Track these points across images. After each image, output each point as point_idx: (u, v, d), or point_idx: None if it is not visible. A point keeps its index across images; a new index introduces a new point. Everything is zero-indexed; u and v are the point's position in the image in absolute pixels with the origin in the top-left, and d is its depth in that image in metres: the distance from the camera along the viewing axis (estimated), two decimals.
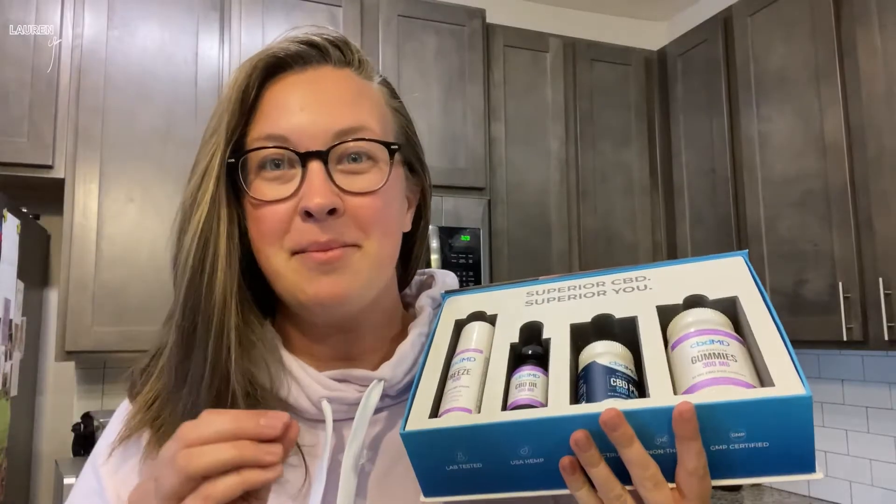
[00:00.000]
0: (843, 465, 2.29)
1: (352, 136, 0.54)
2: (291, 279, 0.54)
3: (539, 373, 0.50)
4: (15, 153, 1.85)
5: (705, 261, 0.55)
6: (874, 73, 1.89)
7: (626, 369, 0.48)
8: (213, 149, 0.54)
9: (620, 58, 2.72)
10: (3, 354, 1.64)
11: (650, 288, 0.54)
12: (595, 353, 0.50)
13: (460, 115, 2.36)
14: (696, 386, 0.43)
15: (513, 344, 0.54)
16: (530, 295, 0.58)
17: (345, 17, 2.23)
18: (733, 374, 0.43)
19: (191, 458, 0.39)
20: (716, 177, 2.43)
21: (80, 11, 1.95)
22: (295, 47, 0.56)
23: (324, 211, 0.51)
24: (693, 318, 0.49)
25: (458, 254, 2.25)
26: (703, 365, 0.44)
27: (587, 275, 0.58)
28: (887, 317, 1.81)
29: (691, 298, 0.51)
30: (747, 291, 0.50)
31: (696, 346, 0.45)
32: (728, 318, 0.49)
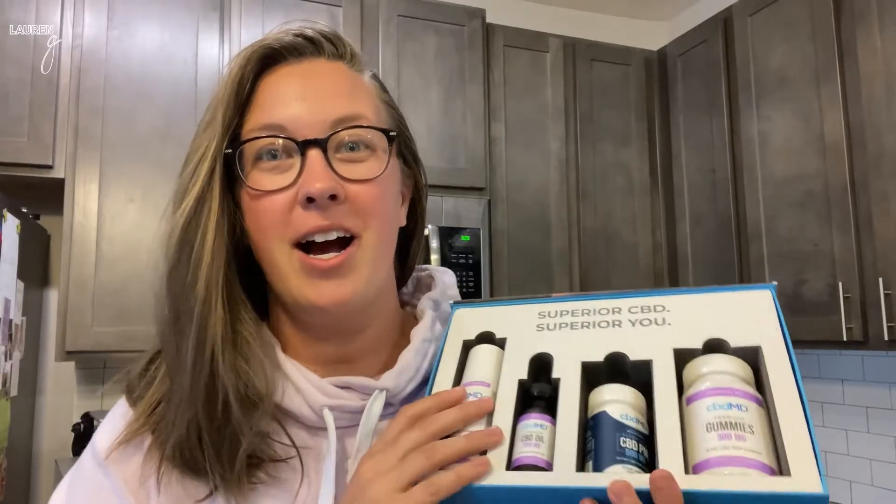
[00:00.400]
0: (843, 465, 2.29)
1: (349, 124, 0.54)
2: (294, 281, 0.53)
3: (546, 422, 0.48)
4: (15, 153, 1.85)
5: (730, 291, 0.52)
6: (874, 73, 1.89)
7: (636, 423, 0.46)
8: (207, 140, 0.53)
9: (620, 58, 2.72)
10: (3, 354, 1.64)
11: (668, 323, 0.51)
12: (605, 399, 0.48)
13: (460, 115, 2.36)
14: (709, 463, 0.41)
15: (521, 380, 0.52)
16: (542, 316, 0.56)
17: (345, 17, 2.23)
18: (748, 453, 0.41)
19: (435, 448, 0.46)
20: (716, 177, 2.43)
21: (80, 11, 1.95)
22: (290, 39, 0.56)
23: (325, 195, 0.51)
24: (710, 368, 0.46)
25: (458, 254, 2.25)
26: (718, 437, 0.42)
27: (602, 296, 0.55)
28: (887, 317, 1.81)
29: (711, 343, 0.49)
30: (772, 340, 0.48)
31: (712, 410, 0.43)
32: (749, 369, 0.47)
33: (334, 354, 0.59)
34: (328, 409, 0.54)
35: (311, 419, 0.55)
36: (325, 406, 0.54)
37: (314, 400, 0.54)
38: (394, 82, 2.27)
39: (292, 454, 0.54)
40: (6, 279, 1.62)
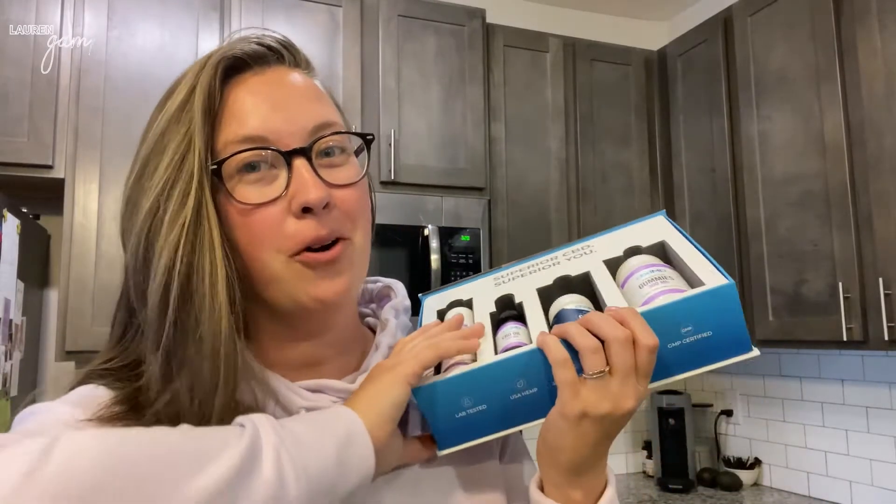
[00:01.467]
0: (843, 465, 2.29)
1: (326, 131, 0.55)
2: (293, 283, 0.53)
3: (520, 326, 0.58)
4: (15, 153, 1.85)
5: (633, 224, 0.67)
6: (874, 73, 1.89)
7: (590, 309, 0.57)
8: (178, 155, 0.51)
9: (620, 58, 2.72)
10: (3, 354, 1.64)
11: (595, 251, 0.65)
12: (562, 303, 0.59)
13: (460, 115, 2.36)
14: (648, 300, 0.54)
15: (491, 313, 0.62)
16: (497, 280, 0.68)
17: (345, 17, 2.23)
18: (674, 287, 0.54)
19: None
20: (716, 177, 2.43)
21: (80, 11, 1.95)
22: (253, 47, 0.56)
23: (322, 204, 0.51)
24: (635, 261, 0.60)
25: (457, 254, 2.25)
26: (650, 286, 0.55)
27: (541, 254, 0.69)
28: (887, 317, 1.81)
29: (630, 249, 0.62)
30: (671, 236, 0.61)
31: (641, 277, 0.57)
32: (660, 259, 0.61)
33: (305, 357, 0.59)
34: (305, 411, 0.54)
35: None
36: (301, 408, 0.54)
37: (291, 402, 0.55)
38: (394, 82, 2.27)
39: None
40: (6, 279, 1.62)
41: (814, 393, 2.40)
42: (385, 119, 2.24)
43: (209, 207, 0.51)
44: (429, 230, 2.21)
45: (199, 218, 0.50)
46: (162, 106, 0.55)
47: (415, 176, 2.25)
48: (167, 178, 0.51)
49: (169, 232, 0.49)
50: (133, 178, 0.54)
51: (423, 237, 2.21)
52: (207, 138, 0.52)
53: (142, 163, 0.53)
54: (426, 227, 2.22)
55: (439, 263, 2.19)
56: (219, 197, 0.53)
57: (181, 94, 0.54)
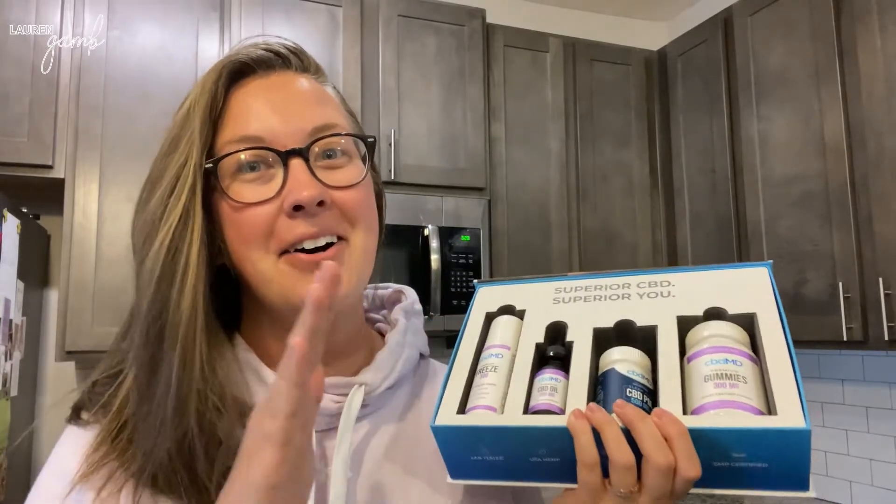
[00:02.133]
0: (843, 465, 2.29)
1: (326, 133, 0.55)
2: (281, 282, 0.53)
3: (560, 376, 0.53)
4: (15, 153, 1.85)
5: (730, 269, 0.57)
6: (874, 73, 1.89)
7: (642, 378, 0.50)
8: (182, 156, 0.52)
9: (620, 58, 2.72)
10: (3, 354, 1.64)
11: (673, 295, 0.56)
12: (614, 359, 0.52)
13: (460, 115, 2.36)
14: (705, 407, 0.46)
15: (538, 344, 0.56)
16: (558, 292, 0.61)
17: (345, 17, 2.23)
18: (741, 398, 0.45)
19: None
20: (716, 177, 2.43)
21: (80, 11, 1.95)
22: (259, 53, 0.57)
23: (314, 202, 0.51)
24: (710, 331, 0.51)
25: (458, 254, 2.25)
26: (714, 385, 0.46)
27: (613, 275, 0.61)
28: (887, 317, 1.81)
29: (711, 311, 0.53)
30: (766, 308, 0.52)
31: (709, 364, 0.48)
32: (746, 333, 0.51)
33: None
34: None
35: None
36: None
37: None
38: (394, 82, 2.27)
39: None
40: (6, 279, 1.62)
41: (814, 393, 2.40)
42: (385, 119, 2.24)
43: (196, 206, 0.51)
44: (429, 230, 2.21)
45: (186, 217, 0.51)
46: (177, 111, 0.56)
47: (415, 176, 2.25)
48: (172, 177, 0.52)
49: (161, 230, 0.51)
50: (147, 178, 0.55)
51: (423, 237, 2.21)
52: (206, 139, 0.53)
53: (155, 164, 0.55)
54: (426, 227, 2.22)
55: (439, 263, 2.19)
56: (215, 196, 0.53)
57: (190, 98, 0.55)
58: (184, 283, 0.50)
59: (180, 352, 0.50)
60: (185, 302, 0.50)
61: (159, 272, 0.50)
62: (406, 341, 0.63)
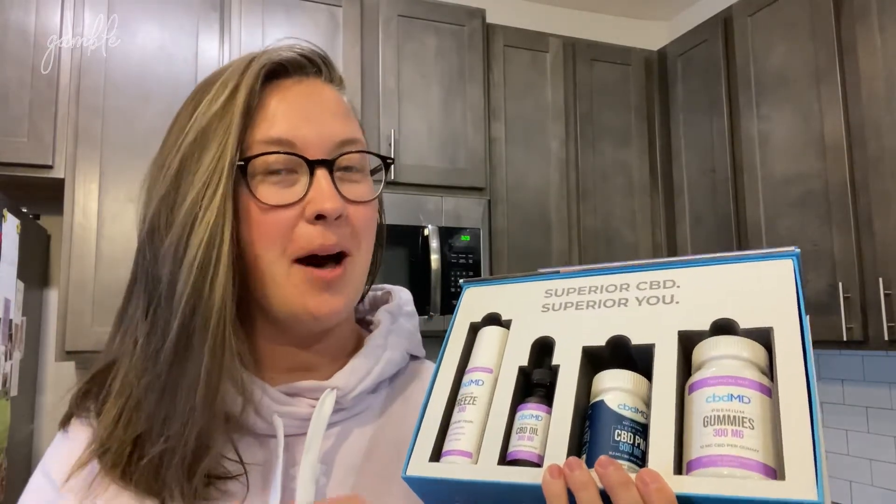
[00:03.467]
0: (843, 465, 2.29)
1: (351, 146, 0.57)
2: (291, 291, 0.54)
3: (542, 412, 0.47)
4: (15, 153, 1.85)
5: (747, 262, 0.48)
6: (874, 73, 1.89)
7: (635, 413, 0.45)
8: (218, 150, 0.53)
9: (620, 58, 2.72)
10: (3, 354, 1.64)
11: (676, 301, 0.48)
12: (605, 387, 0.46)
13: (460, 115, 2.36)
14: (702, 461, 0.40)
15: (521, 367, 0.51)
16: (548, 295, 0.54)
17: (345, 17, 2.23)
18: (744, 451, 0.39)
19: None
20: (716, 177, 2.43)
21: (80, 11, 1.95)
22: (295, 56, 0.58)
23: (336, 214, 0.53)
24: (716, 352, 0.44)
25: (457, 254, 2.25)
26: (714, 433, 0.40)
27: (611, 271, 0.53)
28: (887, 317, 1.81)
29: (719, 324, 0.45)
30: (786, 320, 0.43)
31: (710, 402, 0.41)
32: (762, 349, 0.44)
33: (297, 363, 0.59)
34: (277, 416, 0.55)
35: (260, 427, 0.55)
36: (274, 413, 0.55)
37: (263, 407, 0.55)
38: (394, 82, 2.27)
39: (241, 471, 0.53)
40: (6, 279, 1.62)
41: None
42: (385, 119, 2.24)
43: (229, 203, 0.52)
44: (429, 230, 2.21)
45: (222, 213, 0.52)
46: (202, 98, 0.55)
47: (415, 176, 2.25)
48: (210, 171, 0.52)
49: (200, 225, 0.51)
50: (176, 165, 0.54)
51: (423, 237, 2.21)
52: (241, 135, 0.54)
53: (185, 152, 0.54)
54: (426, 227, 2.22)
55: (439, 263, 2.19)
56: (239, 193, 0.54)
57: (226, 90, 0.54)
58: (216, 277, 0.51)
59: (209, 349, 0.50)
60: (217, 295, 0.51)
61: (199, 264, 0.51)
62: (388, 343, 0.62)
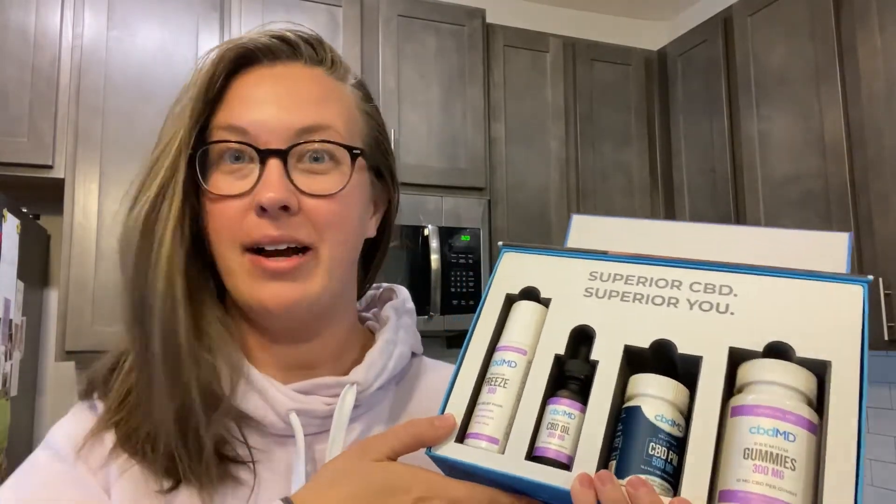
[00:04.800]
0: None
1: (315, 135, 0.53)
2: (242, 280, 0.53)
3: (576, 410, 0.46)
4: (15, 153, 1.85)
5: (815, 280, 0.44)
6: (874, 73, 1.89)
7: (671, 426, 0.43)
8: (172, 133, 0.52)
9: (620, 58, 2.72)
10: (3, 354, 1.64)
11: (731, 311, 0.45)
12: (643, 392, 0.44)
13: (460, 115, 2.36)
14: (736, 496, 0.38)
15: (558, 355, 0.48)
16: (593, 277, 0.50)
17: (345, 17, 2.23)
18: (781, 493, 0.37)
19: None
20: (716, 177, 2.43)
21: (80, 11, 1.95)
22: (266, 40, 0.55)
23: (276, 206, 0.50)
24: (767, 377, 0.41)
25: (458, 254, 2.25)
26: (753, 468, 0.38)
27: (663, 262, 0.49)
28: (887, 317, 1.81)
29: (774, 347, 0.42)
30: (846, 357, 0.41)
31: (754, 434, 0.39)
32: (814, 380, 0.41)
33: (292, 359, 0.58)
34: (295, 414, 0.54)
35: (276, 426, 0.54)
36: (291, 410, 0.53)
37: (279, 404, 0.54)
38: (394, 82, 2.27)
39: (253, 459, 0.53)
40: (6, 279, 1.62)
41: None
42: (385, 119, 2.23)
43: (176, 185, 0.52)
44: (429, 230, 2.21)
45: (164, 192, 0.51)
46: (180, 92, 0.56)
47: (415, 176, 2.25)
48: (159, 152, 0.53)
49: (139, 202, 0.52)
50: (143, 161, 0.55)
51: (423, 237, 2.21)
52: (197, 119, 0.52)
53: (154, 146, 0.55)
54: (426, 227, 2.22)
55: (439, 263, 2.19)
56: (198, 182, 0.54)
57: (191, 77, 0.54)
58: (159, 254, 0.50)
59: (160, 321, 0.50)
60: (160, 272, 0.50)
61: (136, 245, 0.51)
62: (398, 339, 0.62)
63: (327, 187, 0.53)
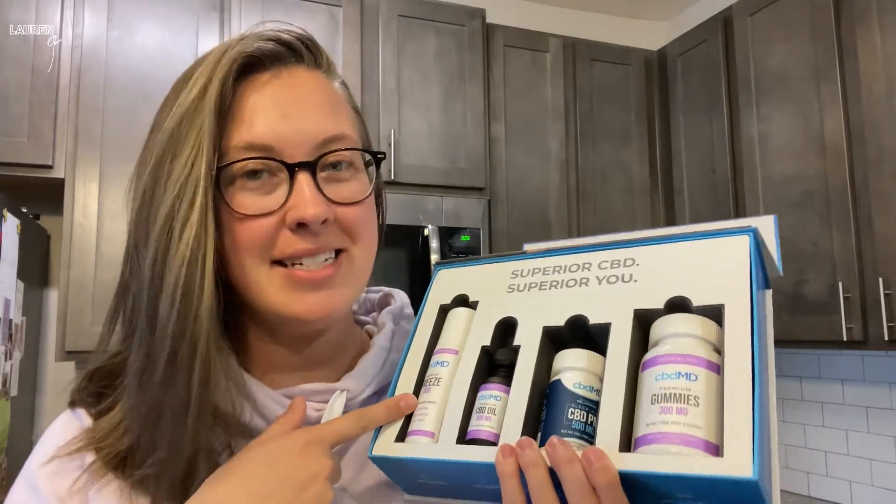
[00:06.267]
0: (843, 465, 2.29)
1: (335, 144, 0.53)
2: (276, 297, 0.51)
3: (502, 392, 0.49)
4: (15, 153, 1.85)
5: (705, 239, 0.48)
6: (874, 73, 1.89)
7: (589, 391, 0.46)
8: (192, 158, 0.49)
9: (620, 58, 2.72)
10: (3, 354, 1.64)
11: (635, 279, 0.49)
12: (562, 366, 0.48)
13: (460, 115, 2.36)
14: (646, 438, 0.41)
15: (485, 347, 0.52)
16: (514, 276, 0.55)
17: (345, 17, 2.23)
18: (687, 428, 0.40)
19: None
20: (716, 177, 2.43)
21: (80, 11, 1.95)
22: (270, 46, 0.54)
23: (319, 221, 0.50)
24: (669, 330, 0.44)
25: (458, 254, 2.25)
26: (660, 410, 0.41)
27: (573, 251, 0.54)
28: (887, 317, 1.81)
29: (674, 302, 0.46)
30: (736, 298, 0.44)
31: (658, 380, 0.42)
32: (716, 327, 0.45)
33: (295, 363, 0.58)
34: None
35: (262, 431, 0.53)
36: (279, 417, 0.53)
37: (269, 411, 0.53)
38: (394, 82, 2.27)
39: None
40: (6, 279, 1.62)
41: (814, 393, 2.40)
42: (385, 119, 2.24)
43: (210, 215, 0.49)
44: (429, 230, 2.21)
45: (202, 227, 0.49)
46: (176, 97, 0.53)
47: (415, 176, 2.25)
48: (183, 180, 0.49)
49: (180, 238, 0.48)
50: (149, 171, 0.51)
51: (423, 237, 2.21)
52: (216, 140, 0.50)
53: (157, 158, 0.51)
54: (426, 227, 2.22)
55: None
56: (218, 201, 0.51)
57: (195, 88, 0.51)
58: (201, 297, 0.48)
59: (200, 367, 0.48)
60: (203, 315, 0.48)
61: (183, 287, 0.48)
62: (393, 346, 0.61)
63: (355, 194, 0.53)
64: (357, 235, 0.54)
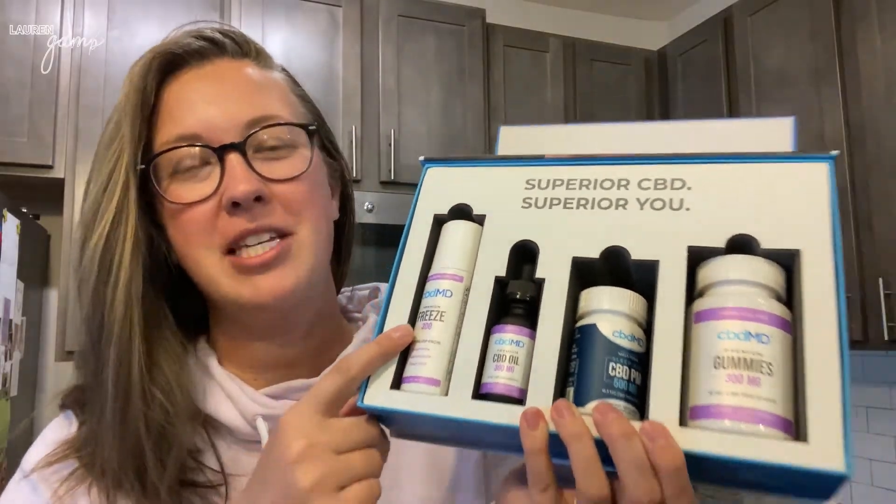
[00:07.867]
0: None
1: (265, 124, 0.52)
2: (228, 284, 0.51)
3: (524, 336, 0.40)
4: (15, 153, 1.85)
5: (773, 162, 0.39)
6: (874, 73, 1.89)
7: (631, 342, 0.38)
8: (115, 155, 0.51)
9: (620, 58, 2.72)
10: (3, 354, 1.64)
11: (686, 207, 0.40)
12: (599, 307, 0.39)
13: (460, 115, 2.35)
14: (710, 411, 0.34)
15: (498, 277, 0.43)
16: (530, 186, 0.44)
17: (345, 17, 2.23)
18: (760, 402, 0.33)
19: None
20: None
21: (80, 11, 1.95)
22: (190, 42, 0.55)
23: (250, 198, 0.49)
24: (733, 275, 0.36)
25: None
26: (727, 378, 0.34)
27: (606, 161, 0.43)
28: (887, 317, 1.81)
29: (739, 240, 0.38)
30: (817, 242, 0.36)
31: (724, 339, 0.35)
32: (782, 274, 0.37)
33: (274, 358, 0.57)
34: (262, 419, 0.53)
35: (244, 431, 0.54)
36: (258, 415, 0.53)
37: (247, 409, 0.53)
38: (394, 82, 2.27)
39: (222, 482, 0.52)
40: (6, 279, 1.62)
41: None
42: (385, 119, 2.24)
43: (129, 206, 0.50)
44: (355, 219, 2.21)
45: (119, 217, 0.50)
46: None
47: (415, 176, 2.24)
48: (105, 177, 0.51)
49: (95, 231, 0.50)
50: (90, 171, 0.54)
51: None
52: (138, 139, 0.51)
53: (96, 157, 0.53)
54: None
55: None
56: (154, 197, 0.53)
57: (121, 95, 0.53)
58: (117, 282, 0.49)
59: (115, 351, 0.49)
60: (119, 300, 0.49)
61: (96, 272, 0.50)
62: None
63: (292, 170, 0.53)
64: (301, 214, 0.53)
